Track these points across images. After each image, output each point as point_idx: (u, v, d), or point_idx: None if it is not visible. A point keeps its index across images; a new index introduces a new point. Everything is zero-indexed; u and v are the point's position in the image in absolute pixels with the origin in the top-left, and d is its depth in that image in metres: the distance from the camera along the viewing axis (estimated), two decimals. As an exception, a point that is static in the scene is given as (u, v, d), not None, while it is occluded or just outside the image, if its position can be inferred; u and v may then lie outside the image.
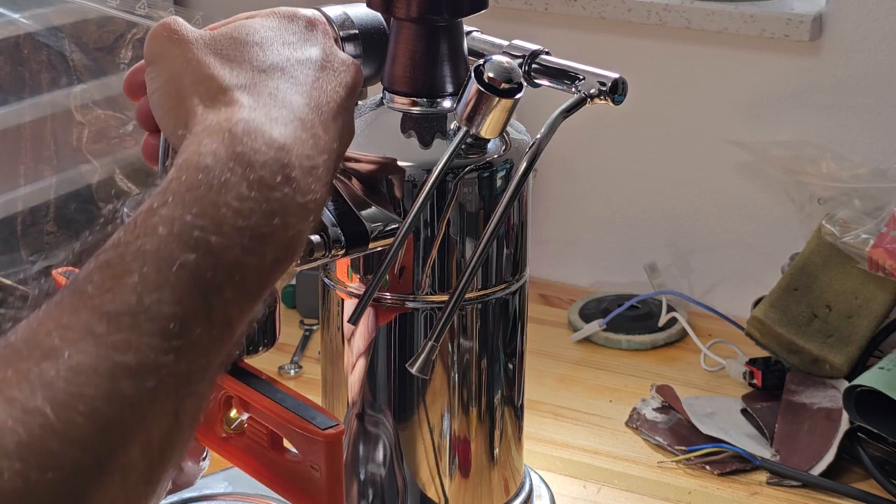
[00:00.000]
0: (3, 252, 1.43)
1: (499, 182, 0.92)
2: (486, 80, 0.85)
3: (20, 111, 1.44)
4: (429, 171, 0.88)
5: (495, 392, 0.98)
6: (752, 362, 1.33)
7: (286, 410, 0.78)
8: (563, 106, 0.87)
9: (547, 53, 0.92)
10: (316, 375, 1.07)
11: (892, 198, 1.31)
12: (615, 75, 0.87)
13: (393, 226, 0.89)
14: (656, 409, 1.29)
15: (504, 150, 0.92)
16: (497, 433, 0.99)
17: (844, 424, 1.21)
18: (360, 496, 0.99)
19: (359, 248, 0.88)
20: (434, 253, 0.92)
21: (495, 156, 0.92)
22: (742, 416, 1.28)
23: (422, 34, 0.91)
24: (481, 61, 0.86)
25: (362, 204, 0.90)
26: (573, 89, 0.88)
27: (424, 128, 0.92)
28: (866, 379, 1.20)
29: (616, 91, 0.87)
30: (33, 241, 1.45)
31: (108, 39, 1.50)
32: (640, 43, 1.49)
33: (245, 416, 0.82)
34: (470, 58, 0.93)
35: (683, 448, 1.22)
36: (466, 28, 0.94)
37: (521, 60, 0.91)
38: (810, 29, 1.39)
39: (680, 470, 1.21)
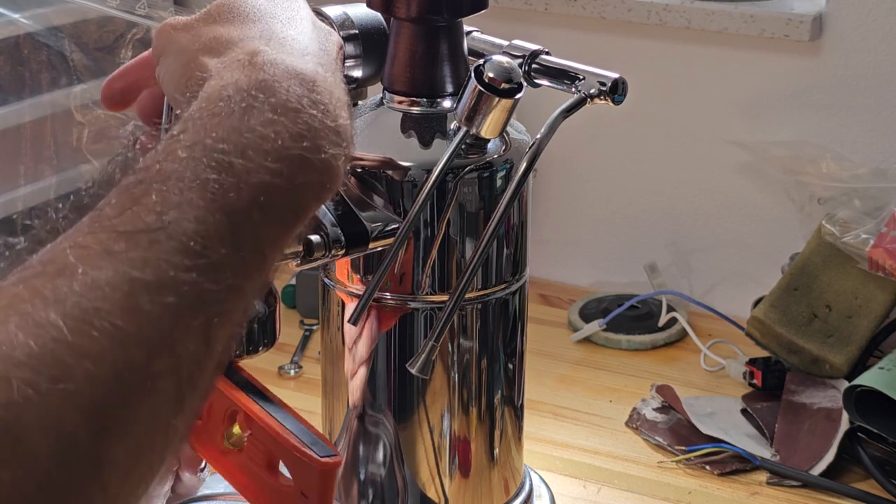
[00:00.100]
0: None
1: (499, 182, 0.92)
2: (486, 80, 0.85)
3: (20, 111, 1.44)
4: (429, 171, 0.88)
5: (495, 392, 0.98)
6: (752, 362, 1.33)
7: (288, 432, 0.77)
8: (563, 106, 0.87)
9: (547, 53, 0.92)
10: (316, 375, 1.07)
11: (892, 198, 1.31)
12: (615, 75, 0.87)
13: (393, 226, 0.89)
14: (656, 409, 1.28)
15: (504, 150, 0.92)
16: (497, 433, 0.99)
17: (844, 424, 1.21)
18: (360, 496, 0.99)
19: (359, 248, 0.88)
20: (434, 253, 0.92)
21: (495, 156, 0.92)
22: (742, 416, 1.28)
23: (422, 34, 0.91)
24: (481, 61, 0.86)
25: (362, 204, 0.90)
26: (573, 89, 0.88)
27: (424, 128, 0.92)
28: (866, 379, 1.20)
29: (616, 91, 0.87)
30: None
31: (108, 39, 1.50)
32: (640, 43, 1.49)
33: (247, 434, 0.81)
34: (470, 58, 0.93)
35: (683, 448, 1.22)
36: (466, 28, 0.94)
37: (521, 60, 0.91)
38: (810, 29, 1.39)
39: (680, 470, 1.21)
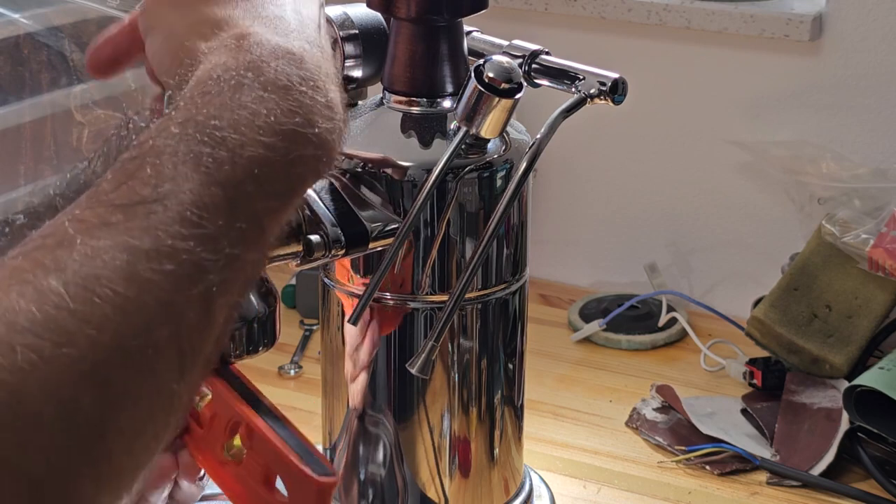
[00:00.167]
0: (2, 252, 1.43)
1: (499, 182, 0.92)
2: (486, 80, 0.85)
3: (20, 111, 1.44)
4: (429, 171, 0.88)
5: (495, 392, 0.98)
6: (752, 362, 1.33)
7: (289, 448, 0.77)
8: (563, 106, 0.87)
9: (547, 53, 0.92)
10: (316, 375, 1.07)
11: (892, 198, 1.31)
12: (615, 75, 0.87)
13: (393, 226, 0.89)
14: (656, 409, 1.28)
15: (504, 150, 0.92)
16: (497, 433, 0.99)
17: (844, 424, 1.21)
18: (360, 496, 0.99)
19: (359, 248, 0.88)
20: (434, 253, 0.92)
21: (495, 156, 0.92)
22: (742, 416, 1.28)
23: (422, 34, 0.91)
24: (481, 61, 0.86)
25: (362, 204, 0.90)
26: (573, 89, 0.88)
27: (424, 128, 0.92)
28: (866, 379, 1.20)
29: (616, 91, 0.87)
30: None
31: (108, 39, 1.50)
32: (640, 43, 1.49)
33: (247, 448, 0.81)
34: (470, 58, 0.93)
35: (683, 448, 1.22)
36: (466, 28, 0.94)
37: (521, 60, 0.91)
38: (810, 29, 1.39)
39: (680, 470, 1.21)
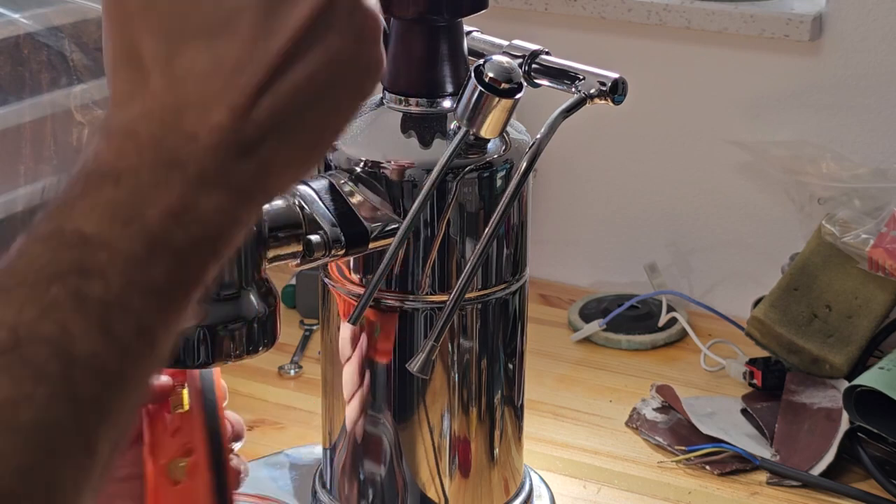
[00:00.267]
0: (2, 252, 1.43)
1: (499, 182, 0.92)
2: (486, 80, 0.85)
3: (20, 111, 1.44)
4: (429, 171, 0.88)
5: (495, 392, 0.98)
6: (752, 362, 1.33)
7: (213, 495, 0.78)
8: (563, 106, 0.87)
9: (547, 53, 0.92)
10: (316, 375, 1.07)
11: (892, 198, 1.31)
12: (615, 75, 0.87)
13: (393, 226, 0.89)
14: (656, 409, 1.28)
15: (504, 150, 0.92)
16: (497, 433, 0.99)
17: (844, 424, 1.21)
18: (360, 496, 0.99)
19: (359, 248, 0.88)
20: (434, 253, 0.92)
21: (495, 156, 0.92)
22: (742, 416, 1.28)
23: (422, 34, 0.91)
24: (481, 61, 0.86)
25: (362, 204, 0.90)
26: (573, 89, 0.88)
27: (424, 128, 0.92)
28: (866, 379, 1.20)
29: (616, 91, 0.87)
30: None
31: (108, 39, 1.50)
32: (640, 43, 1.49)
33: (186, 478, 0.81)
34: (470, 58, 0.93)
35: (683, 448, 1.22)
36: (466, 28, 0.94)
37: (521, 60, 0.91)
38: (810, 29, 1.39)
39: (680, 470, 1.21)
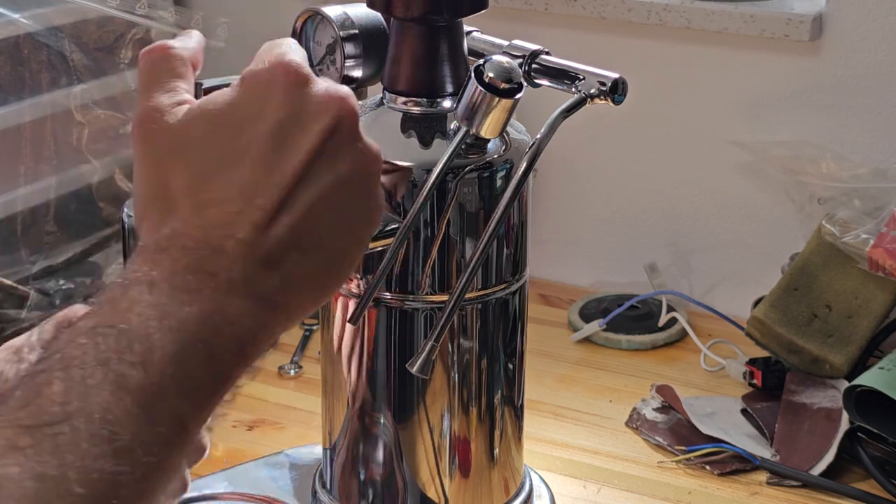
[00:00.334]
0: (3, 252, 1.43)
1: (499, 182, 0.92)
2: (486, 80, 0.85)
3: (20, 111, 1.44)
4: (429, 171, 0.88)
5: (495, 392, 0.98)
6: (752, 362, 1.33)
7: None
8: (563, 106, 0.87)
9: (547, 53, 0.92)
10: (316, 375, 1.07)
11: (892, 198, 1.31)
12: (615, 75, 0.87)
13: (393, 226, 0.89)
14: (656, 409, 1.28)
15: (504, 150, 0.92)
16: (497, 433, 0.99)
17: (844, 424, 1.21)
18: (360, 496, 0.99)
19: (359, 248, 0.88)
20: (434, 253, 0.92)
21: (495, 156, 0.92)
22: (742, 416, 1.28)
23: (422, 34, 0.91)
24: (481, 61, 0.86)
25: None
26: (573, 89, 0.88)
27: (424, 128, 0.92)
28: (866, 379, 1.20)
29: (616, 91, 0.87)
30: (33, 241, 1.45)
31: (108, 39, 1.50)
32: (640, 43, 1.49)
33: None
34: (470, 58, 0.93)
35: (683, 448, 1.22)
36: (466, 28, 0.94)
37: (521, 60, 0.91)
38: (810, 29, 1.39)
39: (680, 470, 1.21)
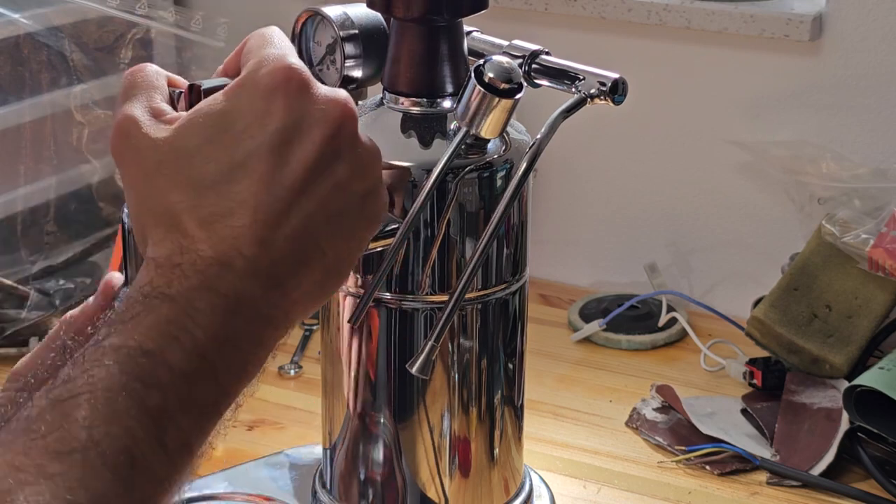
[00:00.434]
0: (3, 252, 1.43)
1: (499, 182, 0.92)
2: (486, 80, 0.85)
3: (20, 111, 1.44)
4: (429, 171, 0.88)
5: (495, 392, 0.98)
6: (752, 362, 1.33)
7: None
8: (563, 106, 0.87)
9: (547, 53, 0.92)
10: (316, 375, 1.07)
11: (892, 198, 1.31)
12: (615, 75, 0.87)
13: (393, 226, 0.89)
14: (656, 409, 1.28)
15: (504, 150, 0.92)
16: (497, 433, 0.99)
17: (844, 424, 1.21)
18: (360, 496, 0.99)
19: (359, 248, 0.88)
20: (434, 253, 0.92)
21: (495, 156, 0.92)
22: (742, 416, 1.28)
23: (422, 34, 0.90)
24: (481, 61, 0.86)
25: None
26: (573, 89, 0.88)
27: (424, 128, 0.92)
28: (866, 379, 1.20)
29: (616, 91, 0.87)
30: (33, 241, 1.45)
31: (108, 39, 1.50)
32: (640, 43, 1.49)
33: None
34: (470, 58, 0.93)
35: (683, 448, 1.22)
36: (466, 28, 0.94)
37: (521, 60, 0.91)
38: (810, 29, 1.39)
39: (680, 470, 1.21)
